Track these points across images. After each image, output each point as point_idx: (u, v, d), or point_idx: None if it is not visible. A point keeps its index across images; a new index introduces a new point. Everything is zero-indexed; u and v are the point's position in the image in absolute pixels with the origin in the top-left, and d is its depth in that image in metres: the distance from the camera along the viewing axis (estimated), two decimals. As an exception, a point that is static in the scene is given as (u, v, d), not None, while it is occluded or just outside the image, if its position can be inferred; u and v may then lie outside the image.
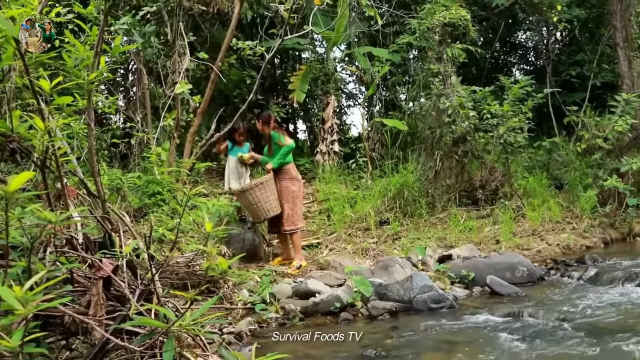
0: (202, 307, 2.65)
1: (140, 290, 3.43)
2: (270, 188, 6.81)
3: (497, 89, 10.74)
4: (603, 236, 9.32)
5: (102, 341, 2.98)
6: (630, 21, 12.40)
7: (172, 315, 2.62)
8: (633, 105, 10.24)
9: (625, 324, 4.53)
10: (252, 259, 7.15)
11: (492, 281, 6.17)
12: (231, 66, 10.96)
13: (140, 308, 2.83)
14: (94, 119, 3.74)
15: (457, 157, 9.70)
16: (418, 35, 10.58)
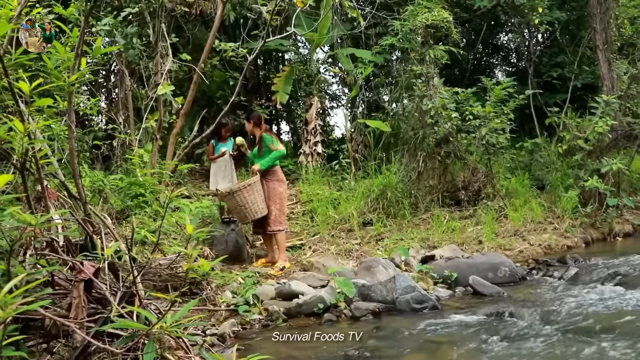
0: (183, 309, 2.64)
1: (122, 293, 3.42)
2: (257, 189, 6.80)
3: (479, 90, 10.81)
4: (584, 236, 9.42)
5: (84, 344, 2.97)
6: (609, 24, 12.55)
7: (153, 317, 2.61)
8: (613, 107, 10.37)
9: (605, 323, 4.58)
10: (236, 260, 7.13)
11: (475, 281, 6.21)
12: (214, 67, 10.94)
13: (122, 310, 2.81)
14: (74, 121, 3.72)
15: (440, 158, 9.75)
16: (401, 36, 10.63)
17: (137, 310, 2.85)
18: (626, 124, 11.39)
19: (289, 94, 11.39)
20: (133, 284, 3.30)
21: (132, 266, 3.11)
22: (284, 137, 16.23)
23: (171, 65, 8.85)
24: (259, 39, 8.75)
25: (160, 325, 2.43)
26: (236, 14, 10.87)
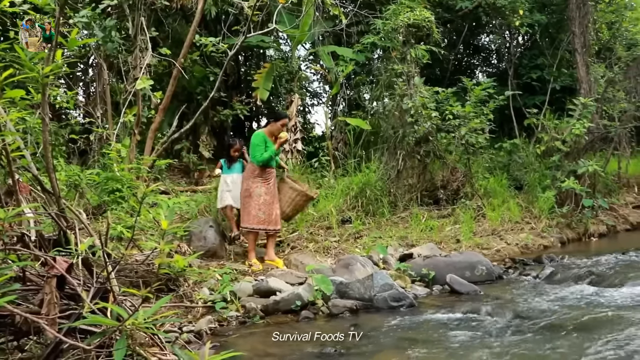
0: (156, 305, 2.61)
1: (96, 289, 3.36)
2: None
3: (459, 91, 10.87)
4: (560, 236, 9.54)
5: (55, 341, 2.91)
6: (588, 28, 12.72)
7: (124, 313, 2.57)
8: (590, 109, 10.51)
9: (579, 321, 4.64)
10: (214, 257, 7.08)
11: (452, 280, 6.25)
12: (194, 63, 10.84)
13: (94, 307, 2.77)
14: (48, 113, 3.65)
15: (420, 157, 9.78)
16: (382, 35, 10.65)
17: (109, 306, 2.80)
18: (602, 127, 11.54)
19: (269, 90, 11.33)
20: (107, 280, 3.24)
21: (105, 262, 3.05)
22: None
23: (150, 59, 8.75)
24: (240, 34, 8.68)
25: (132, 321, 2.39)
26: (217, 9, 10.77)
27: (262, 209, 6.76)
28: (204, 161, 11.32)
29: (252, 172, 6.85)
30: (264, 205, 6.77)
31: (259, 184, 6.80)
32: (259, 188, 6.79)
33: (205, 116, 11.56)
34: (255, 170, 6.82)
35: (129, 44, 9.18)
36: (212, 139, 11.86)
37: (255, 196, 6.77)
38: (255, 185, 6.79)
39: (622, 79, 12.90)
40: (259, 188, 6.79)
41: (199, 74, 11.10)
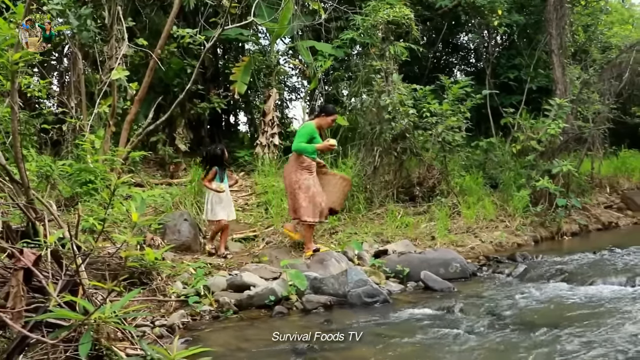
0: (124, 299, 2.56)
1: (65, 282, 3.29)
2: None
3: (437, 88, 10.92)
4: (534, 234, 9.65)
5: (21, 335, 2.85)
6: (565, 30, 12.87)
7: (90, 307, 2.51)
8: (565, 110, 10.64)
9: (550, 319, 4.69)
10: (188, 250, 7.02)
11: (426, 276, 6.27)
12: (172, 54, 10.71)
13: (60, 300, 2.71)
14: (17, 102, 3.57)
15: (396, 154, 9.80)
16: (362, 31, 10.64)
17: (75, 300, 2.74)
18: (577, 128, 11.69)
19: (247, 84, 11.26)
20: (76, 272, 3.18)
21: (74, 254, 2.99)
22: (241, 127, 16.11)
23: (127, 50, 8.62)
24: (218, 26, 8.59)
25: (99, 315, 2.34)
26: (196, 0, 10.66)
27: (312, 201, 6.77)
28: (180, 154, 11.21)
29: (300, 163, 6.82)
30: (312, 198, 6.78)
31: (307, 175, 6.83)
32: (307, 180, 6.81)
33: (182, 109, 11.43)
34: (303, 161, 6.81)
35: (104, 34, 9.03)
36: (188, 131, 11.75)
37: (304, 187, 6.78)
38: (303, 177, 6.81)
39: (596, 81, 13.07)
40: (307, 180, 6.81)
41: (176, 66, 10.97)
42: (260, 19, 10.17)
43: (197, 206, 8.22)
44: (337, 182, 7.19)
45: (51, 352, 2.90)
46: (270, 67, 11.71)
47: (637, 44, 13.18)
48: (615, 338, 4.02)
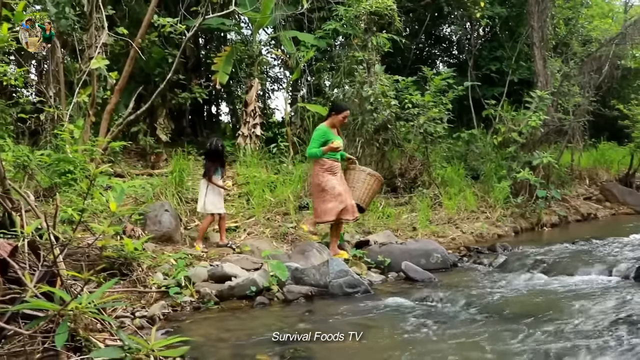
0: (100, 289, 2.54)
1: (43, 272, 3.25)
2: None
3: (419, 80, 10.94)
4: (514, 225, 9.74)
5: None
6: (546, 22, 12.96)
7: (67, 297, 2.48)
8: (546, 102, 10.73)
9: (529, 308, 4.73)
10: (169, 241, 6.97)
11: (407, 267, 6.30)
12: (153, 44, 10.60)
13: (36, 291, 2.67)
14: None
15: (378, 145, 9.82)
16: (344, 22, 10.61)
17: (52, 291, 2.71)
18: (557, 120, 11.81)
19: (229, 74, 11.18)
20: (54, 263, 3.14)
21: (51, 245, 2.95)
22: (222, 118, 16.02)
23: (107, 38, 8.49)
24: (199, 15, 8.50)
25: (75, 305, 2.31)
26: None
27: (339, 199, 6.61)
28: (161, 144, 11.12)
29: (322, 165, 6.67)
30: (340, 196, 6.62)
31: (330, 177, 6.67)
32: (330, 181, 6.65)
33: (163, 99, 11.34)
34: (324, 163, 6.65)
35: (84, 22, 8.88)
36: (169, 122, 11.65)
37: (329, 189, 6.63)
38: (326, 179, 6.65)
39: (577, 73, 13.22)
40: (330, 181, 6.65)
41: (157, 56, 10.86)
42: (242, 9, 10.10)
43: (179, 197, 8.17)
44: (365, 177, 7.04)
45: (29, 344, 2.87)
46: (253, 57, 11.64)
47: (616, 37, 13.34)
48: (589, 327, 4.07)
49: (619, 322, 4.08)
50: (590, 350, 3.61)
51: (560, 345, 3.72)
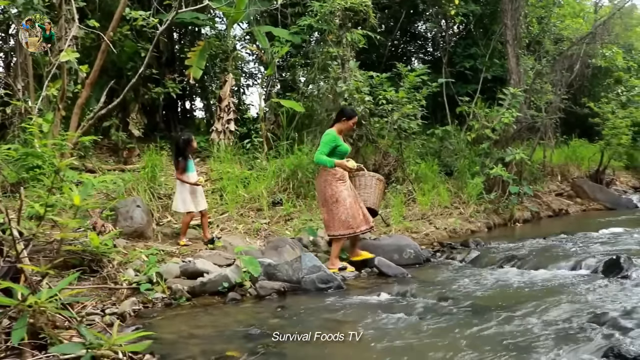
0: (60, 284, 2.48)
1: (7, 268, 3.18)
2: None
3: (394, 76, 10.96)
4: (487, 221, 9.83)
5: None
6: (519, 21, 13.09)
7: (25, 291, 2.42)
8: (519, 99, 10.85)
9: (500, 302, 4.77)
10: (141, 237, 6.90)
11: (380, 262, 6.31)
12: (125, 37, 10.43)
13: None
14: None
15: (352, 141, 9.81)
16: (319, 17, 10.57)
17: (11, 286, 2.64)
18: (530, 117, 11.95)
19: (203, 69, 11.06)
20: (17, 259, 3.07)
21: (14, 240, 2.88)
22: (197, 113, 15.88)
23: (77, 31, 8.32)
24: (172, 9, 8.39)
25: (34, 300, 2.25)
26: (150, -18, 10.39)
27: (350, 212, 6.32)
28: (134, 139, 10.97)
29: (334, 175, 6.33)
30: (351, 209, 6.34)
31: (342, 187, 6.37)
32: (343, 192, 6.35)
33: (136, 93, 11.18)
34: (336, 173, 6.32)
35: (53, 14, 8.70)
36: (142, 117, 11.49)
37: (342, 200, 6.32)
38: (339, 189, 6.33)
39: (549, 71, 13.40)
40: (343, 192, 6.35)
41: (129, 50, 10.69)
42: (216, 3, 9.99)
43: (151, 192, 8.09)
44: (375, 183, 6.88)
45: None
46: (227, 53, 11.53)
47: (586, 37, 13.53)
48: (558, 319, 4.13)
49: (586, 314, 4.15)
50: (559, 341, 3.65)
51: (530, 337, 3.76)
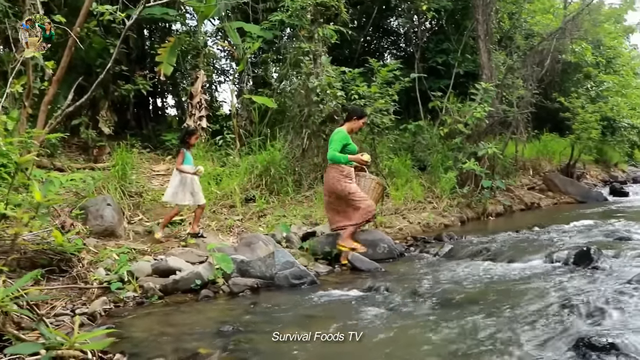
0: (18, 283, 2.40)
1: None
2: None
3: (367, 72, 10.97)
4: (460, 215, 9.90)
5: None
6: (491, 16, 13.21)
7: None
8: (491, 94, 10.94)
9: (474, 295, 4.79)
10: (111, 236, 6.79)
11: (354, 257, 6.31)
12: (94, 33, 10.24)
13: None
14: None
15: (325, 137, 9.79)
16: (291, 13, 10.51)
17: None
18: (502, 111, 12.07)
19: (174, 65, 10.93)
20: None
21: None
22: (169, 110, 15.71)
23: (42, 26, 8.13)
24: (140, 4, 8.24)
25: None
26: (117, -24, 10.19)
27: (366, 199, 6.61)
28: (104, 137, 10.79)
29: (341, 172, 6.56)
30: (366, 196, 6.63)
31: (350, 182, 6.60)
32: (352, 184, 6.61)
33: (106, 90, 11.00)
34: (343, 170, 6.56)
35: (16, 8, 8.50)
36: (112, 114, 11.30)
37: (355, 191, 6.57)
38: (348, 184, 6.57)
39: (520, 66, 13.54)
40: (352, 184, 6.61)
41: (98, 46, 10.50)
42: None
43: (122, 190, 7.96)
44: (374, 186, 7.03)
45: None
46: (198, 49, 11.41)
47: (556, 32, 13.71)
48: (530, 310, 4.14)
49: (558, 304, 4.17)
50: (531, 332, 3.67)
51: (503, 329, 3.77)
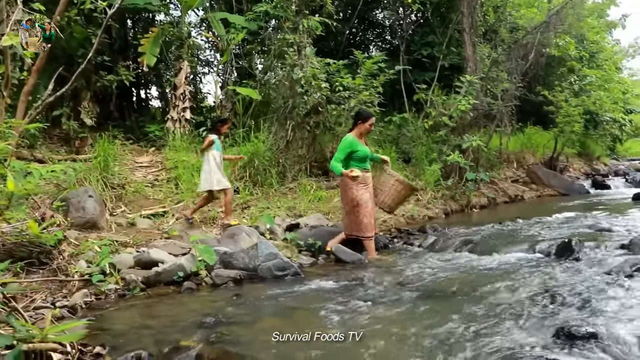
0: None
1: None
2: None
3: (352, 64, 10.94)
4: (444, 207, 9.93)
5: None
6: (476, 10, 13.22)
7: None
8: (475, 87, 10.97)
9: (457, 286, 4.79)
10: (93, 228, 6.71)
11: (337, 249, 6.30)
12: (75, 22, 10.09)
13: None
14: None
15: (309, 128, 9.77)
16: (275, 4, 10.45)
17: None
18: (486, 104, 12.10)
19: (157, 56, 10.81)
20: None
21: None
22: (152, 102, 15.56)
23: (21, 15, 7.99)
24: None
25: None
26: (99, -36, 10.04)
27: (372, 214, 6.44)
28: (86, 129, 10.65)
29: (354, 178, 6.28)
30: (371, 212, 6.43)
31: (363, 191, 6.33)
32: (364, 195, 6.33)
33: (88, 81, 10.85)
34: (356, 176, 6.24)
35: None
36: (94, 105, 11.14)
37: (363, 204, 6.31)
38: (360, 192, 6.30)
39: (504, 60, 13.58)
40: (364, 195, 6.33)
41: (79, 35, 10.34)
42: (170, -12, 9.79)
43: (104, 182, 7.87)
44: (393, 183, 6.84)
45: None
46: (182, 40, 11.31)
47: (540, 26, 13.76)
48: (511, 301, 4.17)
49: (539, 295, 4.20)
50: (513, 322, 3.68)
51: (485, 320, 3.78)
